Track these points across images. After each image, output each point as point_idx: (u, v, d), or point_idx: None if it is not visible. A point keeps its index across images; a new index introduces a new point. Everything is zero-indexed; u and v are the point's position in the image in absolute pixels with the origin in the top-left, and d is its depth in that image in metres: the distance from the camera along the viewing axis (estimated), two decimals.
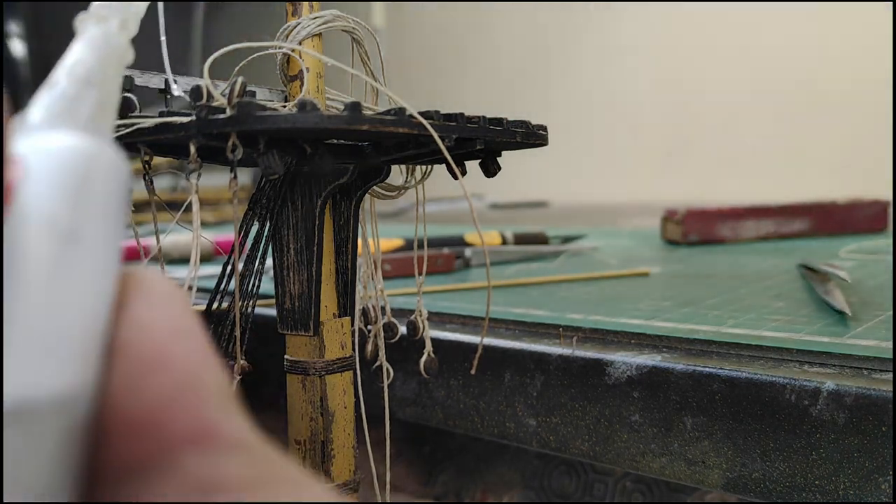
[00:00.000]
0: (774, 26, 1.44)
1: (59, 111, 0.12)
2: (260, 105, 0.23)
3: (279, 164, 0.25)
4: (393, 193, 0.34)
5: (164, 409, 0.11)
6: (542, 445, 0.39)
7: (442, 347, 0.41)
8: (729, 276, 0.58)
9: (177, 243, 0.72)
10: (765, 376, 0.32)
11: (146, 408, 0.11)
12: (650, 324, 0.41)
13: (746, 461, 0.32)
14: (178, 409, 0.11)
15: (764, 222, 0.80)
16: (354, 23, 0.31)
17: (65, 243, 0.11)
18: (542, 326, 0.43)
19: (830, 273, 0.50)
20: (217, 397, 0.11)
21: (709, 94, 1.54)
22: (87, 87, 0.13)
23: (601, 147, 1.71)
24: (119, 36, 0.15)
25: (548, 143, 0.32)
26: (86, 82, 0.13)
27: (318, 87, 0.30)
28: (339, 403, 0.31)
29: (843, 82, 1.36)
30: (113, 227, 0.12)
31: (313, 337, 0.30)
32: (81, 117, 0.13)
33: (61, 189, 0.11)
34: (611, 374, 0.36)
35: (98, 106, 0.13)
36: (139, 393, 0.11)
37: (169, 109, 0.25)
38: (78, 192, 0.11)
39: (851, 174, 1.32)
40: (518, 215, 1.37)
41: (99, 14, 0.15)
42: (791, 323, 0.40)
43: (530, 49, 1.83)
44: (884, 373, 0.32)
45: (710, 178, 1.52)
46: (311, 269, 0.30)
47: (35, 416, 0.10)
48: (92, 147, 0.12)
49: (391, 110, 0.25)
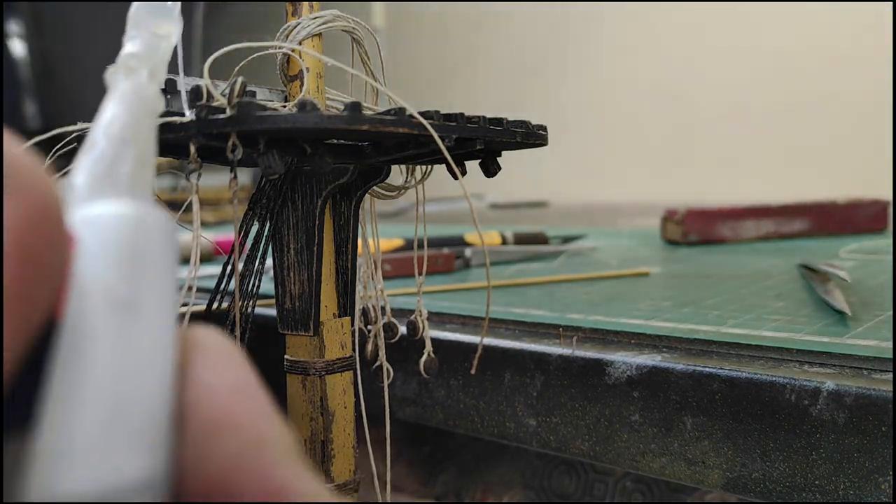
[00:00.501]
0: (774, 26, 1.44)
1: (100, 174, 0.12)
2: (260, 105, 0.23)
3: (279, 164, 0.25)
4: (393, 193, 0.34)
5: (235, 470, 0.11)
6: (542, 445, 0.39)
7: (442, 347, 0.41)
8: (729, 276, 0.58)
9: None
10: (765, 376, 0.32)
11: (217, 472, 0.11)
12: (650, 324, 0.41)
13: (746, 461, 0.32)
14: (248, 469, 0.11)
15: (764, 222, 0.80)
16: (354, 23, 0.31)
17: (124, 314, 0.11)
18: (542, 326, 0.43)
19: (830, 273, 0.50)
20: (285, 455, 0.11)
21: (709, 94, 1.54)
22: (124, 145, 0.13)
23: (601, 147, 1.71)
24: (149, 87, 0.15)
25: (548, 143, 0.32)
26: (122, 141, 0.13)
27: (318, 87, 0.30)
28: (339, 403, 0.31)
29: (843, 82, 1.36)
30: (167, 289, 0.12)
31: (313, 337, 0.30)
32: (122, 177, 0.13)
33: (114, 259, 0.11)
34: (611, 374, 0.36)
35: (137, 163, 0.13)
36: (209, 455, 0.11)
37: (169, 109, 0.25)
38: (131, 260, 0.11)
39: (851, 174, 1.32)
40: (518, 215, 1.37)
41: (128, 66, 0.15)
42: (791, 323, 0.40)
43: (530, 49, 1.83)
44: (884, 373, 0.32)
45: (710, 178, 1.52)
46: (311, 269, 0.30)
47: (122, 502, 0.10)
48: (139, 212, 0.12)
49: (391, 110, 0.25)
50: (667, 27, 1.59)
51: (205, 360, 0.12)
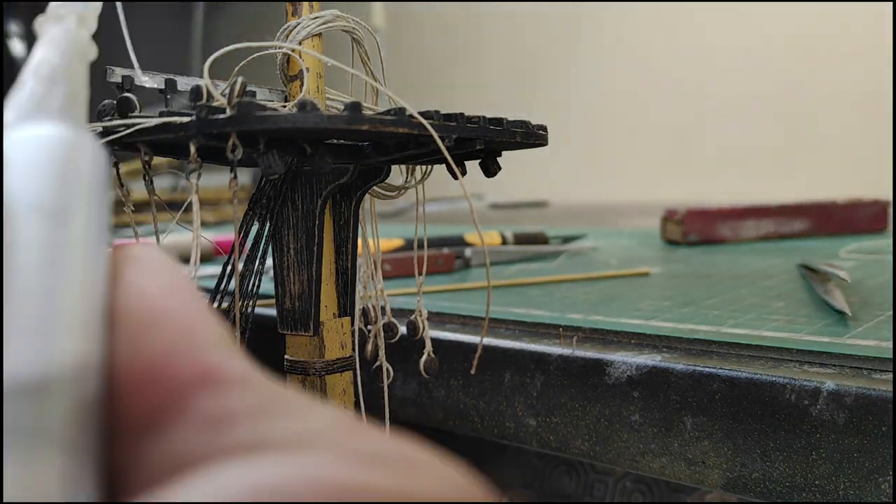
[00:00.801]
0: (774, 26, 1.44)
1: (29, 109, 0.13)
2: (260, 105, 0.23)
3: (279, 164, 0.25)
4: (393, 193, 0.34)
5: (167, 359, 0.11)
6: (542, 445, 0.39)
7: (442, 347, 0.41)
8: (729, 276, 0.58)
9: (177, 243, 0.72)
10: (765, 376, 0.32)
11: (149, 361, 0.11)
12: (650, 324, 0.41)
13: (746, 461, 0.32)
14: (180, 357, 0.11)
15: (764, 222, 0.80)
16: (354, 23, 0.31)
17: (54, 223, 0.11)
18: (542, 326, 0.43)
19: (830, 273, 0.50)
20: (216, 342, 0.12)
21: (709, 94, 1.54)
22: (53, 84, 0.13)
23: (601, 147, 1.71)
24: (78, 31, 0.15)
25: (548, 143, 0.32)
26: (51, 80, 0.13)
27: (318, 87, 0.30)
28: (339, 403, 0.31)
29: (843, 82, 1.36)
30: (97, 205, 0.12)
31: (313, 337, 0.30)
32: (53, 111, 0.13)
33: (43, 173, 0.11)
34: (611, 374, 0.36)
35: (69, 100, 0.13)
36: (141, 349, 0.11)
37: (169, 109, 0.25)
38: (60, 174, 0.12)
39: (851, 174, 1.32)
40: (518, 215, 1.37)
41: (56, 14, 0.15)
42: (791, 323, 0.40)
43: (530, 49, 1.83)
44: (884, 373, 0.32)
45: (710, 178, 1.52)
46: (311, 269, 0.30)
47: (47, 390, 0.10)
48: (67, 132, 0.12)
49: (391, 110, 0.25)
50: (667, 27, 1.59)
51: (136, 266, 0.12)
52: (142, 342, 0.11)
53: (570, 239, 0.80)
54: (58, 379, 0.10)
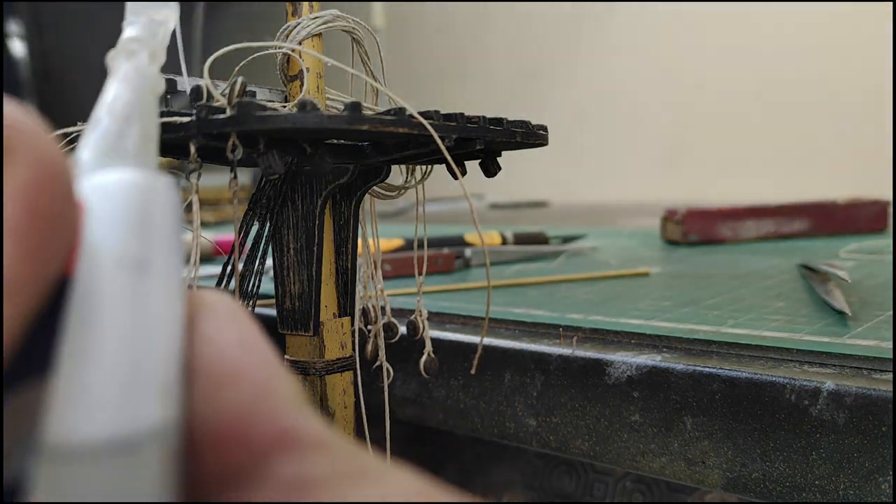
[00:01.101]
0: (774, 26, 1.44)
1: (105, 149, 0.13)
2: (260, 105, 0.23)
3: (279, 164, 0.25)
4: (393, 193, 0.34)
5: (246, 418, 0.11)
6: (542, 445, 0.39)
7: (442, 347, 0.41)
8: (729, 276, 0.57)
9: None
10: (765, 376, 0.32)
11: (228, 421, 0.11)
12: (650, 324, 0.41)
13: (746, 461, 0.32)
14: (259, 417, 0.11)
15: (764, 222, 0.80)
16: (354, 23, 0.31)
17: (137, 274, 0.11)
18: (542, 326, 0.43)
19: (830, 273, 0.50)
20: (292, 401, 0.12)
21: (709, 94, 1.54)
22: (127, 123, 0.14)
23: (601, 147, 1.71)
24: (150, 68, 0.15)
25: (548, 143, 0.32)
26: (125, 119, 0.14)
27: (318, 87, 0.30)
28: (339, 403, 0.31)
29: (843, 82, 1.36)
30: (175, 251, 0.12)
31: (313, 337, 0.30)
32: (128, 151, 0.13)
33: (125, 222, 0.11)
34: (611, 374, 0.36)
35: (142, 138, 0.14)
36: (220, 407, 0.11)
37: (169, 109, 0.25)
38: (141, 223, 0.12)
39: (851, 174, 1.32)
40: (518, 215, 1.37)
41: (128, 49, 0.15)
42: (791, 323, 0.40)
43: (530, 49, 1.83)
44: (884, 373, 0.32)
45: (710, 178, 1.52)
46: (311, 269, 0.30)
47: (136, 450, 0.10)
48: (146, 178, 0.12)
49: (391, 110, 0.25)
50: (667, 27, 1.59)
51: (212, 317, 0.12)
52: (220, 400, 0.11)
53: (570, 239, 0.80)
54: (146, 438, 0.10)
